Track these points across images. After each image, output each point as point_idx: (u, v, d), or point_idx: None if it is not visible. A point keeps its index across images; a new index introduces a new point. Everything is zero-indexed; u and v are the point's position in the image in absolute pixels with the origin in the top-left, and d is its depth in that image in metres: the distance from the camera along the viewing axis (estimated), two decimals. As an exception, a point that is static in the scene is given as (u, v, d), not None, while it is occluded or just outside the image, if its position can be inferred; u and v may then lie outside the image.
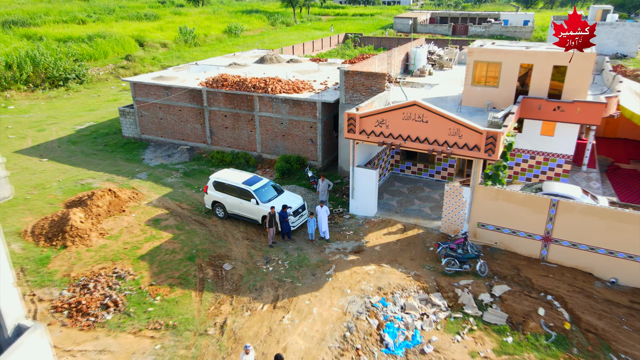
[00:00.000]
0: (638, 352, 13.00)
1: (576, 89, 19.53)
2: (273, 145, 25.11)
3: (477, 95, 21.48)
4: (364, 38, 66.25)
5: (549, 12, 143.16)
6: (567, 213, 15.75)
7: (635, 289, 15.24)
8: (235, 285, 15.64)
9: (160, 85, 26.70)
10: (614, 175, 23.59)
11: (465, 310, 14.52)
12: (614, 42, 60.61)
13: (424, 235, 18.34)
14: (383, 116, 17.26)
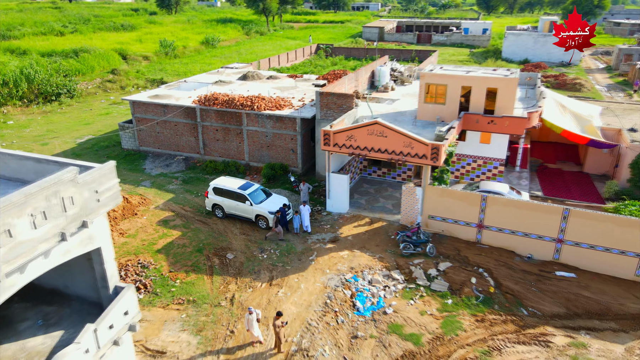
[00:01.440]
0: (542, 306, 17.73)
1: (505, 107, 24.39)
2: (259, 155, 29.21)
3: (428, 111, 26.13)
4: (335, 48, 70.81)
5: (508, 18, 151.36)
6: (494, 205, 20.46)
7: (544, 262, 20.04)
8: (237, 269, 19.72)
9: (157, 104, 30.41)
10: (542, 174, 28.68)
11: (418, 282, 19.00)
12: (560, 52, 66.72)
13: (387, 226, 22.82)
14: (352, 132, 21.65)
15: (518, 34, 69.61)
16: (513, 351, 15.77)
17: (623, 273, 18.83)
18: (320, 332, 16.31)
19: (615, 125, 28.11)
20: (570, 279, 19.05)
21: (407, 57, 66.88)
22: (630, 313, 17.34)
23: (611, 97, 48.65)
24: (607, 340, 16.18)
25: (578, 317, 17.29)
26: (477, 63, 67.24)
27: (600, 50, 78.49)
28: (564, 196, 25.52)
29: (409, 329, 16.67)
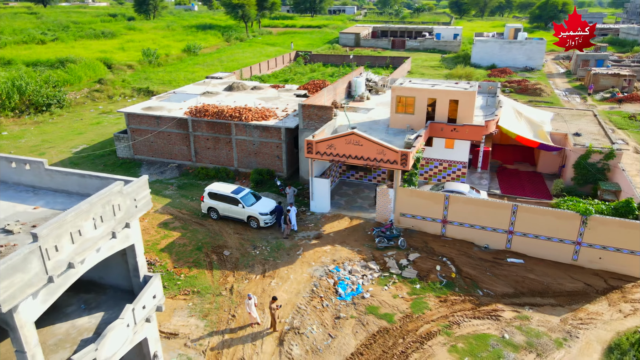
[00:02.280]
0: (494, 287, 21.02)
1: (465, 116, 27.76)
2: (247, 161, 31.96)
3: (399, 120, 29.32)
4: (313, 55, 73.79)
5: (479, 22, 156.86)
6: (456, 203, 23.72)
7: (498, 250, 23.40)
8: (234, 264, 22.49)
9: (151, 115, 32.85)
10: (501, 174, 32.23)
11: (391, 271, 22.10)
12: (524, 57, 71.49)
13: (364, 223, 25.89)
14: (332, 142, 24.64)
15: (485, 41, 73.88)
16: (469, 324, 18.99)
17: (562, 258, 22.32)
18: (308, 314, 19.24)
19: (563, 130, 31.83)
20: (519, 264, 22.45)
21: (382, 63, 70.36)
22: (567, 291, 20.80)
23: (568, 101, 52.95)
24: (546, 313, 19.56)
25: (524, 295, 20.66)
26: (448, 68, 71.19)
27: (562, 55, 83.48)
28: (518, 194, 29.03)
29: (383, 309, 19.73)
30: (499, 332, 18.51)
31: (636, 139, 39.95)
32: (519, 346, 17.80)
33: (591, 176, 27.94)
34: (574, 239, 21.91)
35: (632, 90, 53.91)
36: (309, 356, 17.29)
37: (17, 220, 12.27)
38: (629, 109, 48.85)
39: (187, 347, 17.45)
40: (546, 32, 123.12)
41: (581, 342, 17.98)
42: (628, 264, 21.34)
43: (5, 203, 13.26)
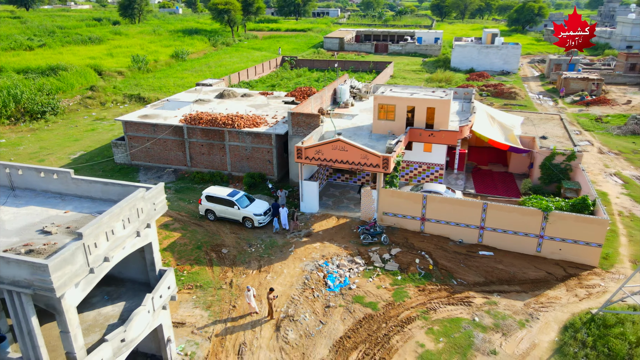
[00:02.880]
0: (467, 277, 23.48)
1: (441, 122, 30.28)
2: (240, 166, 34.06)
3: (381, 126, 31.72)
4: (299, 60, 76.00)
5: (459, 25, 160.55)
6: (432, 202, 26.18)
7: (471, 244, 25.91)
8: (232, 261, 24.61)
9: (148, 123, 34.72)
10: (476, 175, 34.85)
11: (375, 264, 24.44)
12: (501, 61, 74.68)
13: (350, 222, 28.20)
14: (319, 148, 26.91)
15: (464, 46, 76.94)
16: (444, 310, 21.43)
17: (527, 250, 24.93)
18: (301, 304, 21.47)
19: (532, 134, 34.59)
20: (489, 256, 24.99)
21: (366, 68, 72.90)
22: (530, 279, 23.39)
23: (540, 104, 56.07)
24: (511, 298, 22.10)
25: (493, 283, 23.19)
26: (429, 72, 74.03)
27: (537, 58, 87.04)
28: (491, 192, 31.65)
29: (368, 299, 22.05)
30: (470, 316, 20.98)
31: (601, 140, 43.05)
32: (487, 327, 20.28)
33: (555, 176, 30.69)
34: (537, 233, 24.53)
35: (600, 94, 57.28)
36: (302, 340, 19.52)
37: (52, 222, 14.28)
38: (596, 111, 52.13)
39: (194, 334, 19.54)
40: (523, 35, 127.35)
41: (541, 323, 20.54)
42: (584, 254, 24.03)
43: (38, 208, 15.24)
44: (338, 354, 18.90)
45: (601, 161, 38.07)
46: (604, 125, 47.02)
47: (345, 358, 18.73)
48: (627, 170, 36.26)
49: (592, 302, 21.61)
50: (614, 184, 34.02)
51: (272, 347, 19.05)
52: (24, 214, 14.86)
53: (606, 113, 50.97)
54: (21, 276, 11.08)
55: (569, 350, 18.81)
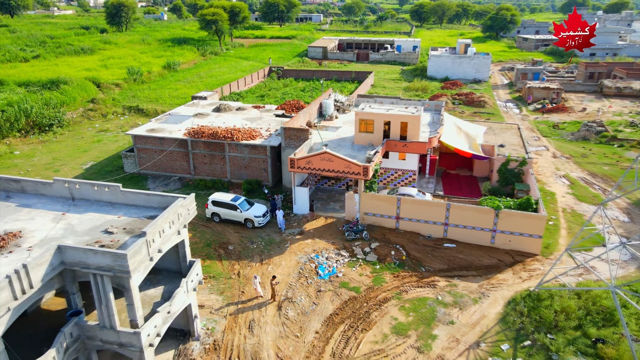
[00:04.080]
0: (433, 265, 28.47)
1: (413, 134, 35.33)
2: (239, 174, 38.63)
3: (362, 138, 36.63)
4: (285, 70, 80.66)
5: (438, 31, 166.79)
6: (405, 204, 31.16)
7: (438, 238, 30.95)
8: (238, 256, 29.22)
9: (155, 137, 39.06)
10: (445, 179, 40.01)
11: (357, 256, 29.30)
12: (473, 70, 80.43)
13: (336, 222, 33.04)
14: (309, 159, 31.69)
15: (439, 56, 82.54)
16: (414, 291, 26.39)
17: (483, 241, 30.09)
18: (297, 289, 26.23)
19: (492, 142, 39.90)
20: (452, 248, 30.09)
21: (348, 77, 77.94)
22: (484, 265, 28.52)
23: (506, 111, 61.74)
24: (468, 281, 27.19)
25: (454, 269, 28.26)
26: (407, 81, 79.38)
27: (507, 66, 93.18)
28: (457, 194, 36.82)
29: (352, 284, 26.89)
30: (435, 296, 25.99)
31: (556, 145, 48.72)
32: (448, 304, 25.31)
33: (510, 179, 35.99)
34: (491, 228, 29.71)
35: (560, 102, 63.24)
36: (300, 317, 24.28)
37: (111, 225, 18.80)
38: (555, 118, 57.99)
39: (212, 314, 24.15)
40: (497, 41, 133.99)
41: (490, 299, 25.66)
42: (528, 244, 29.29)
43: (96, 214, 19.73)
44: (328, 327, 23.70)
45: (554, 165, 43.64)
46: (560, 131, 52.78)
47: (334, 330, 23.54)
48: (574, 173, 41.85)
49: (532, 283, 26.84)
50: (562, 184, 39.54)
51: (275, 322, 23.78)
52: (87, 219, 19.34)
53: (563, 120, 56.84)
54: (105, 263, 15.61)
55: (510, 319, 23.96)
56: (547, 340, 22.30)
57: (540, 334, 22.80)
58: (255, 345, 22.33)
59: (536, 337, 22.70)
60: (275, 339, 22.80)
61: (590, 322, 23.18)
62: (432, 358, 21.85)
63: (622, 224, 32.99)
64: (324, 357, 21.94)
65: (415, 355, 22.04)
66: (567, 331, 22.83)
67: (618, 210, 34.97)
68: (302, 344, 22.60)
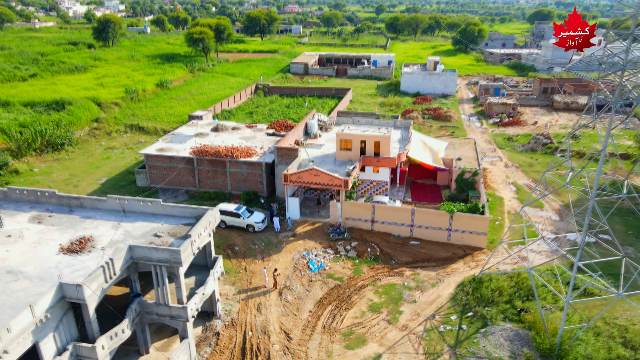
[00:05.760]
0: (402, 258, 35.57)
1: (384, 151, 42.52)
2: (238, 186, 45.21)
3: (343, 155, 43.65)
4: (270, 88, 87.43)
5: (412, 43, 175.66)
6: (379, 209, 38.24)
7: (405, 237, 38.07)
8: (243, 255, 35.82)
9: (165, 156, 45.37)
10: (413, 187, 47.33)
11: (340, 253, 36.21)
12: (441, 86, 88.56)
13: (323, 225, 39.91)
14: (299, 174, 38.54)
15: (411, 73, 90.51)
16: (386, 279, 33.41)
17: (441, 239, 37.35)
18: (293, 279, 32.98)
19: (451, 156, 47.41)
20: (417, 245, 37.24)
21: (329, 94, 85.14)
22: (442, 257, 35.76)
23: (469, 125, 69.72)
24: (429, 270, 34.37)
25: (418, 262, 35.41)
26: (382, 96, 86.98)
27: (474, 80, 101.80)
28: (422, 200, 44.09)
29: (337, 275, 33.75)
30: (402, 282, 33.06)
31: (508, 156, 56.66)
32: (412, 288, 32.41)
33: (465, 187, 43.46)
34: (447, 227, 37.00)
35: (516, 116, 71.56)
36: (296, 300, 31.04)
37: (158, 230, 25.30)
38: (510, 131, 66.16)
39: (227, 300, 30.70)
40: (466, 54, 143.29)
41: (445, 283, 32.86)
42: (476, 240, 36.66)
43: (144, 223, 26.19)
44: (319, 308, 30.53)
45: (505, 173, 51.44)
46: (513, 143, 60.84)
47: (324, 309, 30.38)
48: (521, 180, 49.70)
49: (477, 270, 34.18)
50: (510, 190, 47.28)
51: (278, 305, 30.50)
52: (138, 226, 25.80)
53: (517, 133, 65.04)
54: (163, 257, 22.13)
55: (458, 297, 31.20)
56: (485, 312, 29.57)
57: (480, 307, 30.06)
58: (263, 321, 29.01)
59: (477, 310, 29.94)
60: (279, 317, 29.52)
61: (517, 298, 30.56)
62: (399, 327, 28.87)
63: (554, 222, 40.76)
64: (316, 329, 28.74)
65: (385, 325, 29.03)
66: (500, 305, 30.14)
67: (552, 211, 42.79)
68: (300, 320, 29.38)
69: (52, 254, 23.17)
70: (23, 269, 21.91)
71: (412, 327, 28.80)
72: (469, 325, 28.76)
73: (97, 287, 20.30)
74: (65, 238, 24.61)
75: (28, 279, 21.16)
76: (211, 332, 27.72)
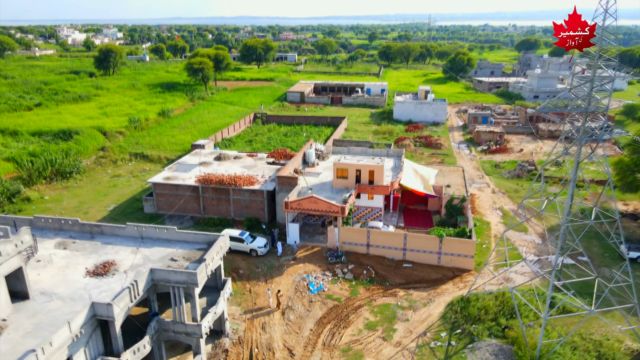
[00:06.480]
0: (395, 280, 38.20)
1: (378, 179, 45.55)
2: (241, 213, 47.93)
3: (340, 183, 46.64)
4: (268, 116, 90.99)
5: (404, 71, 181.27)
6: (373, 234, 41.02)
7: (398, 260, 40.77)
8: (247, 277, 38.30)
9: (172, 184, 48.14)
10: (405, 213, 50.24)
11: (338, 275, 38.79)
12: (432, 114, 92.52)
13: (321, 249, 42.56)
14: (300, 201, 41.40)
15: (403, 102, 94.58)
16: (380, 300, 35.97)
17: (432, 261, 40.08)
18: (295, 300, 35.45)
19: (441, 183, 50.54)
20: (409, 267, 39.93)
21: (325, 122, 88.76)
22: (432, 279, 38.43)
23: (459, 152, 73.22)
24: (420, 291, 37.01)
25: (410, 283, 38.04)
26: (376, 124, 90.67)
27: (463, 108, 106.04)
28: (414, 225, 46.95)
29: (335, 296, 36.28)
30: (395, 302, 35.62)
31: (495, 182, 59.90)
32: (405, 307, 34.97)
33: (454, 213, 46.43)
34: (437, 250, 39.79)
35: (503, 143, 75.26)
36: (298, 319, 33.47)
37: (174, 255, 27.93)
38: (497, 158, 69.67)
39: (234, 319, 33.08)
40: (456, 82, 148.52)
41: (435, 303, 35.46)
42: (465, 262, 39.42)
43: (160, 248, 28.81)
44: (319, 326, 32.97)
45: (492, 199, 54.57)
46: (500, 170, 64.22)
47: (323, 328, 32.83)
48: (507, 205, 52.80)
49: (466, 290, 36.84)
50: (497, 215, 50.31)
51: (281, 324, 32.92)
52: (155, 251, 28.42)
53: (504, 160, 68.55)
54: (181, 279, 24.72)
55: (448, 316, 33.78)
56: (472, 329, 32.13)
57: (467, 324, 32.63)
58: (268, 339, 31.40)
59: (465, 327, 32.51)
60: (282, 335, 31.93)
61: (502, 315, 33.18)
62: (393, 344, 31.35)
63: (537, 245, 43.69)
64: (317, 346, 31.14)
65: (381, 342, 31.49)
66: (486, 322, 32.73)
67: (535, 234, 45.77)
68: (301, 337, 31.78)
69: (79, 277, 25.70)
70: (55, 290, 24.41)
71: (405, 344, 31.26)
72: (458, 342, 31.26)
73: (124, 306, 22.82)
74: (90, 262, 27.16)
75: (61, 300, 23.66)
76: (220, 349, 30.04)
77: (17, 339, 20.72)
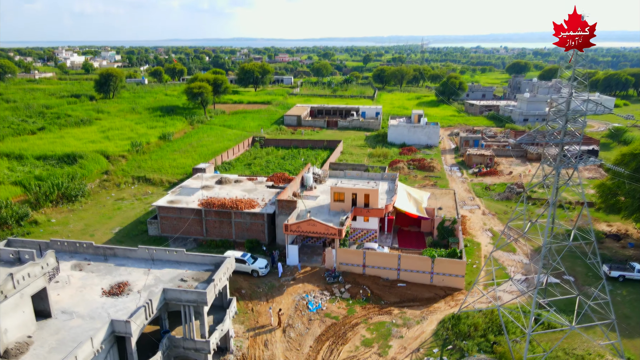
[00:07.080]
0: (390, 299, 40.21)
1: (373, 202, 47.91)
2: (242, 235, 50.00)
3: (337, 206, 48.93)
4: (266, 140, 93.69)
5: (398, 94, 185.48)
6: (369, 255, 43.16)
7: (393, 280, 42.83)
8: (249, 297, 40.18)
9: (176, 208, 50.26)
10: (399, 234, 52.47)
11: (336, 295, 40.77)
12: (425, 137, 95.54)
13: (319, 270, 44.57)
14: (298, 224, 43.59)
15: (397, 125, 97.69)
16: (376, 318, 37.94)
17: (424, 281, 42.18)
18: (295, 318, 37.35)
19: (433, 205, 52.94)
20: (403, 286, 41.98)
21: (321, 145, 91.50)
22: (425, 298, 40.48)
23: (451, 175, 75.90)
24: (414, 309, 38.99)
25: (404, 302, 40.05)
26: (371, 147, 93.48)
27: (455, 131, 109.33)
28: (408, 246, 49.15)
29: (333, 314, 38.21)
30: (390, 320, 37.59)
31: (486, 204, 62.39)
32: (399, 325, 36.93)
33: (446, 234, 48.73)
34: (430, 270, 41.93)
35: (493, 166, 78.09)
36: (298, 337, 35.35)
37: (184, 276, 29.95)
38: (488, 181, 72.34)
39: (238, 337, 34.91)
40: (448, 105, 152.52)
41: (428, 321, 37.46)
42: (456, 282, 41.55)
43: (170, 269, 30.84)
44: (318, 343, 34.85)
45: (482, 220, 56.96)
46: (490, 192, 66.81)
47: (322, 345, 34.70)
48: (497, 227, 55.17)
49: (457, 308, 38.88)
50: (487, 236, 52.63)
51: (282, 341, 34.77)
52: (165, 272, 30.44)
53: (494, 182, 71.23)
54: (192, 298, 26.73)
55: (440, 333, 35.77)
56: (463, 345, 34.11)
57: (458, 341, 34.62)
58: (270, 355, 33.22)
59: (456, 343, 34.49)
60: (283, 351, 33.76)
61: (491, 332, 35.21)
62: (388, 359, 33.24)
63: (524, 265, 45.93)
64: (316, 362, 33.00)
65: (377, 358, 33.39)
66: (476, 338, 34.74)
67: (523, 255, 48.06)
68: (302, 354, 33.63)
69: (96, 297, 27.65)
70: (75, 309, 26.34)
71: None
72: (449, 357, 33.18)
73: (140, 323, 24.78)
74: (105, 283, 29.14)
75: (81, 318, 25.58)
76: (225, 365, 31.82)
77: (43, 355, 22.60)
